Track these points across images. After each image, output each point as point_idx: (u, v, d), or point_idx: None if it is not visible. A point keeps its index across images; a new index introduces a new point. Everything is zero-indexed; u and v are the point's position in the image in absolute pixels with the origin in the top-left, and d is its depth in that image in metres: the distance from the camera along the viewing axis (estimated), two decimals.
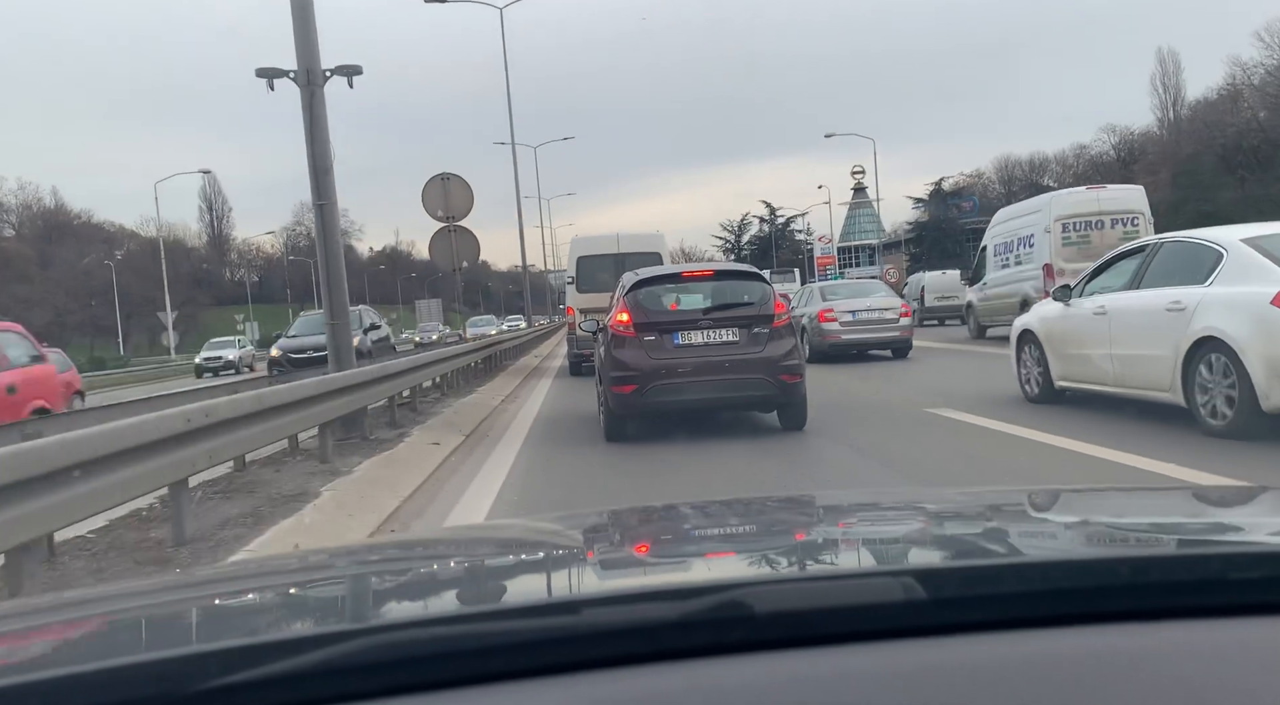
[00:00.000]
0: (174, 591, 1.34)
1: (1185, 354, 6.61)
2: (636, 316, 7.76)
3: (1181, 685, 0.76)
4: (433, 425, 9.97)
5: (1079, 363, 8.14)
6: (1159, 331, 6.93)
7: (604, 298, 12.01)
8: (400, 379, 10.41)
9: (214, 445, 5.40)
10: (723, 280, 8.36)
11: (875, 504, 1.85)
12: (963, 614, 0.86)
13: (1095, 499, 1.70)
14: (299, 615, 1.14)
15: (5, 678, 0.77)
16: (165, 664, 0.80)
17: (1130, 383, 7.46)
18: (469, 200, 15.87)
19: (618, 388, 7.71)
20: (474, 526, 4.04)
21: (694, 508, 1.74)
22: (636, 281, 8.11)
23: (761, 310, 7.85)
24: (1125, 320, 7.47)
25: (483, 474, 7.33)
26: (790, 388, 7.74)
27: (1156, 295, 7.09)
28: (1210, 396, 6.51)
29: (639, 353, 7.64)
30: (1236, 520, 1.35)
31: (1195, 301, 6.61)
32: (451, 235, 15.84)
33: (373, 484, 6.83)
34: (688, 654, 0.80)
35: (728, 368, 7.59)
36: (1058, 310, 8.52)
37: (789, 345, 7.79)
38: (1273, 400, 6.05)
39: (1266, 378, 6.04)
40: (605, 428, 8.20)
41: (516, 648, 0.81)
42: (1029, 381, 8.99)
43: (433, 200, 15.74)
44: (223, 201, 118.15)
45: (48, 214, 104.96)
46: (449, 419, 10.64)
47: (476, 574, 1.31)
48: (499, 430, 10.02)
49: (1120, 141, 77.40)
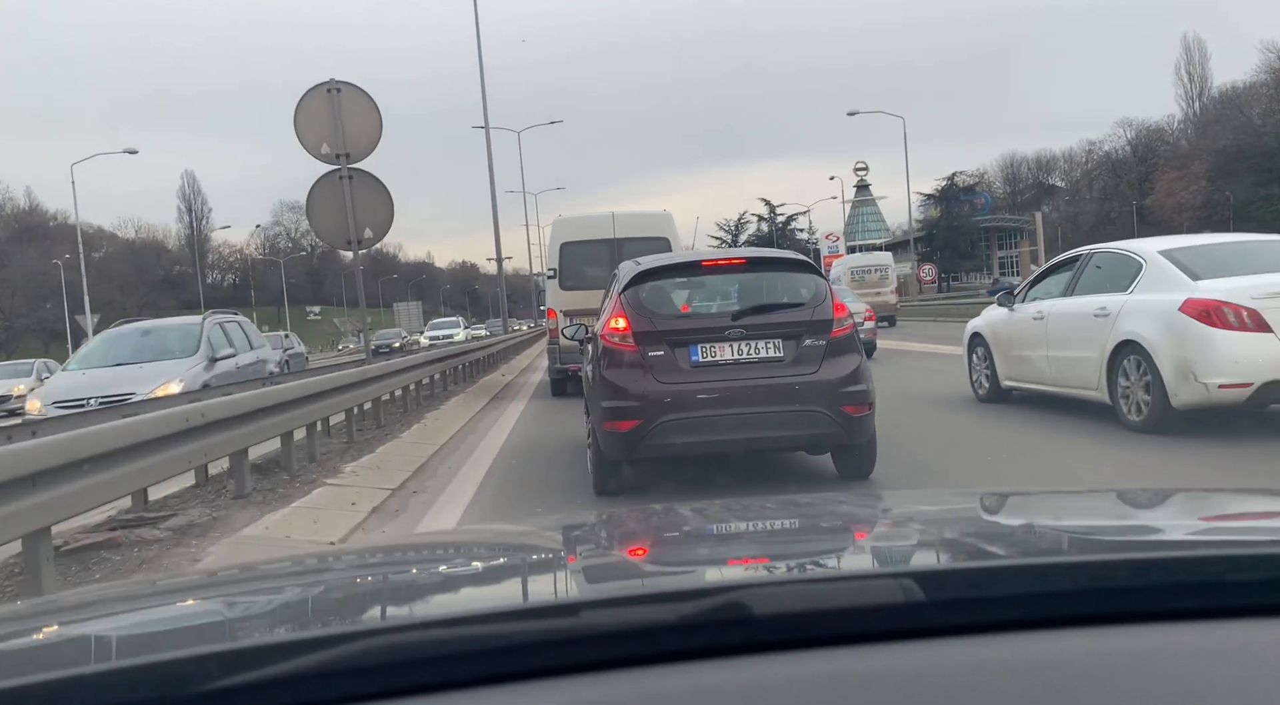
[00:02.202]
0: (173, 594, 1.34)
1: (1109, 356, 7.36)
2: (638, 323, 5.89)
3: (1181, 687, 0.76)
4: (356, 471, 7.38)
5: (1021, 364, 8.84)
6: (1087, 335, 7.65)
7: (595, 297, 8.91)
8: (274, 417, 6.86)
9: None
10: (759, 271, 6.49)
11: (874, 506, 1.88)
12: (962, 616, 0.86)
13: (1095, 501, 1.70)
14: (299, 617, 1.12)
15: (6, 680, 0.78)
16: (165, 666, 0.80)
17: (1064, 382, 8.17)
18: (374, 128, 9.59)
19: (612, 423, 5.81)
20: (472, 529, 3.93)
21: (692, 510, 1.71)
22: (638, 273, 6.18)
23: (815, 314, 5.96)
24: (1059, 324, 8.16)
25: None
26: (856, 423, 5.84)
27: (1086, 302, 7.81)
28: (1130, 395, 7.21)
29: (641, 374, 5.80)
30: (1235, 522, 1.37)
31: (1118, 308, 7.34)
32: (345, 187, 9.52)
33: None
34: (686, 656, 0.80)
35: (768, 396, 5.74)
36: (1003, 315, 9.23)
37: (853, 363, 5.91)
38: (1181, 397, 6.73)
39: (1175, 377, 6.74)
40: (595, 477, 6.26)
41: (516, 650, 0.81)
42: (979, 382, 9.67)
43: (313, 125, 9.46)
44: (202, 202, 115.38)
45: (21, 215, 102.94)
46: (383, 458, 8.05)
47: (475, 576, 1.31)
48: (444, 477, 7.56)
49: (1137, 136, 76.42)
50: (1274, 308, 6.44)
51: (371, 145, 9.58)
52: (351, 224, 9.53)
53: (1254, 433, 6.80)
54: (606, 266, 10.25)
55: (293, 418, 7.12)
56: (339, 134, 9.43)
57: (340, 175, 9.54)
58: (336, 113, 9.43)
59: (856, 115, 48.66)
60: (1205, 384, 6.54)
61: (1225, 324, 6.50)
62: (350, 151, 9.52)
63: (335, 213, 9.52)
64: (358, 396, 9.01)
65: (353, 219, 9.53)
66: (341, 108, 9.43)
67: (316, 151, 9.51)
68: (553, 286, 12.90)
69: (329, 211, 9.53)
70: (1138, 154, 74.82)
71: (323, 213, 9.57)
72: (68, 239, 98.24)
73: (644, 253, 8.38)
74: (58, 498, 3.92)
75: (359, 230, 9.56)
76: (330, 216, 9.54)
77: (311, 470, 7.32)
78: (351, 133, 9.48)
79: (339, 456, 8.03)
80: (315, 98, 9.43)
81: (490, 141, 29.80)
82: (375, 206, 9.61)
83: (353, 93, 9.48)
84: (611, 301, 6.29)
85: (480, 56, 28.92)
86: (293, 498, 6.16)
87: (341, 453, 8.24)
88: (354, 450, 8.37)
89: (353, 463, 7.69)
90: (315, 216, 9.60)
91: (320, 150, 9.50)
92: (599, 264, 11.94)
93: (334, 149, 9.47)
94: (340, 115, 9.43)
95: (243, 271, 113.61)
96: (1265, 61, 63.16)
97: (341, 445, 8.68)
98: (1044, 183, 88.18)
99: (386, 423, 10.04)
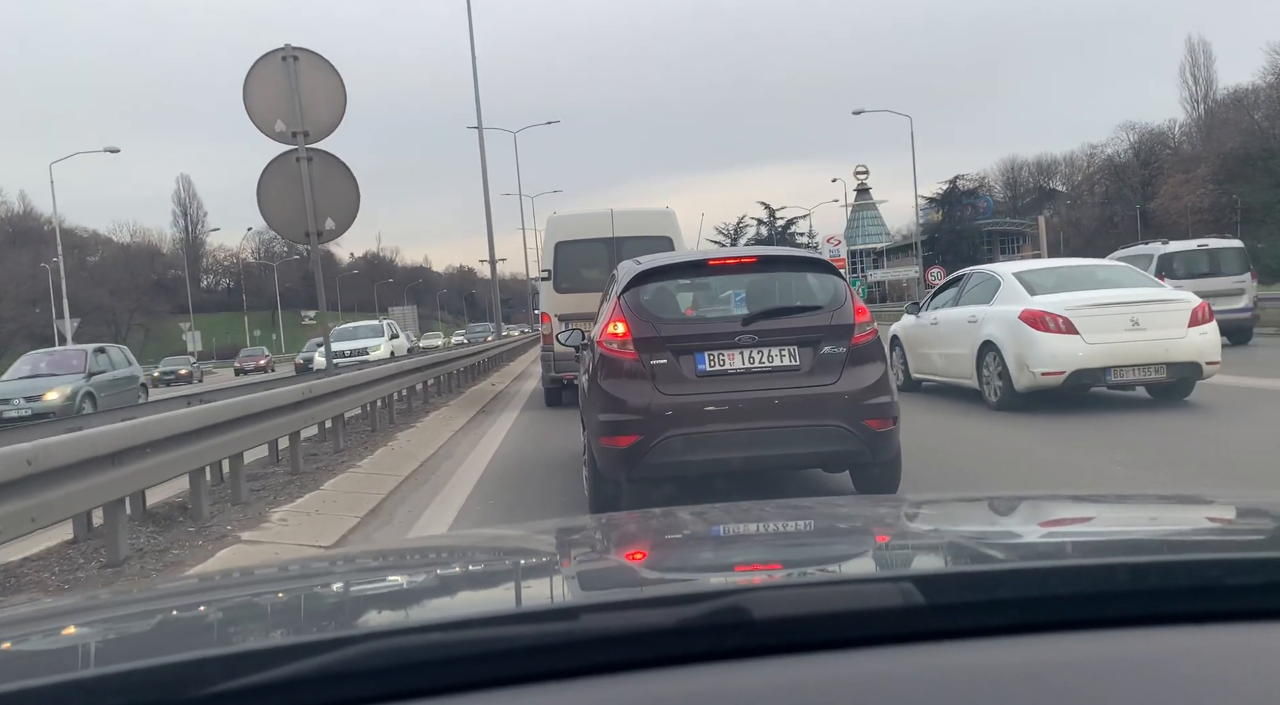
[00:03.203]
0: (173, 598, 1.34)
1: (977, 352, 9.48)
2: (639, 328, 5.44)
3: (1181, 691, 0.77)
4: (286, 519, 5.82)
5: (924, 360, 11.17)
6: (964, 337, 9.84)
7: (592, 299, 8.39)
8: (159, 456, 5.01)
9: None
10: (772, 271, 6.00)
11: (874, 509, 1.85)
12: (961, 620, 0.86)
13: (1093, 505, 1.69)
14: (298, 621, 1.12)
15: (6, 683, 0.78)
16: (165, 670, 0.80)
17: (951, 374, 10.45)
18: (336, 101, 8.28)
19: (610, 439, 5.38)
20: (472, 533, 3.89)
21: (692, 513, 1.69)
22: (639, 274, 5.71)
23: (835, 318, 5.51)
24: (947, 328, 10.41)
25: None
26: (879, 439, 5.41)
27: (965, 311, 10.03)
28: (989, 381, 9.34)
29: (642, 385, 5.35)
30: (1235, 526, 1.37)
31: (983, 316, 9.54)
32: (304, 170, 8.21)
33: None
34: (686, 660, 0.80)
35: (782, 409, 5.30)
36: (912, 321, 11.64)
37: (877, 373, 5.48)
38: (1020, 383, 8.82)
39: (1016, 368, 8.84)
40: (590, 497, 5.76)
41: (516, 654, 0.81)
42: (896, 375, 10.60)
43: (266, 99, 8.14)
44: (198, 206, 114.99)
45: (15, 219, 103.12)
46: (328, 498, 6.54)
47: (475, 580, 1.31)
48: (401, 524, 6.10)
49: (1140, 140, 76.06)
50: (1082, 316, 8.57)
51: (334, 122, 8.28)
52: (311, 214, 8.21)
53: (1074, 408, 8.88)
54: (605, 267, 9.70)
55: (196, 453, 5.57)
56: (296, 109, 8.12)
57: (297, 157, 8.22)
58: (293, 84, 8.12)
59: (862, 114, 48.15)
60: (1034, 372, 8.65)
61: (1046, 328, 8.63)
62: (309, 129, 8.21)
63: (291, 200, 8.20)
64: (294, 422, 7.32)
65: (312, 208, 8.20)
66: (299, 78, 8.12)
67: (270, 129, 8.21)
68: (547, 289, 12.07)
69: (284, 199, 8.21)
70: (1140, 157, 74.33)
71: (277, 201, 8.24)
72: (63, 242, 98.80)
73: (645, 253, 7.65)
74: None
75: (319, 221, 8.24)
76: (285, 205, 8.22)
77: (229, 517, 5.90)
78: (310, 107, 8.17)
79: (274, 495, 6.64)
80: (268, 67, 8.12)
81: (483, 139, 28.88)
82: (338, 193, 8.29)
83: (311, 60, 8.16)
84: (610, 304, 5.80)
85: (473, 54, 28.08)
86: (186, 564, 4.75)
87: (280, 489, 6.84)
88: (295, 485, 6.96)
89: (287, 505, 6.25)
90: (268, 205, 8.25)
91: (274, 128, 8.19)
92: (597, 265, 11.30)
93: (290, 126, 8.16)
94: (297, 87, 8.12)
95: (237, 275, 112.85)
96: (1272, 63, 62.65)
97: (284, 478, 7.31)
98: (1045, 187, 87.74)
99: (347, 446, 8.70)
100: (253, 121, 8.21)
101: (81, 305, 78.57)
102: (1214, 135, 64.75)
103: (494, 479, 7.34)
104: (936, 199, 78.70)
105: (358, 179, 8.43)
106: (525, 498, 6.64)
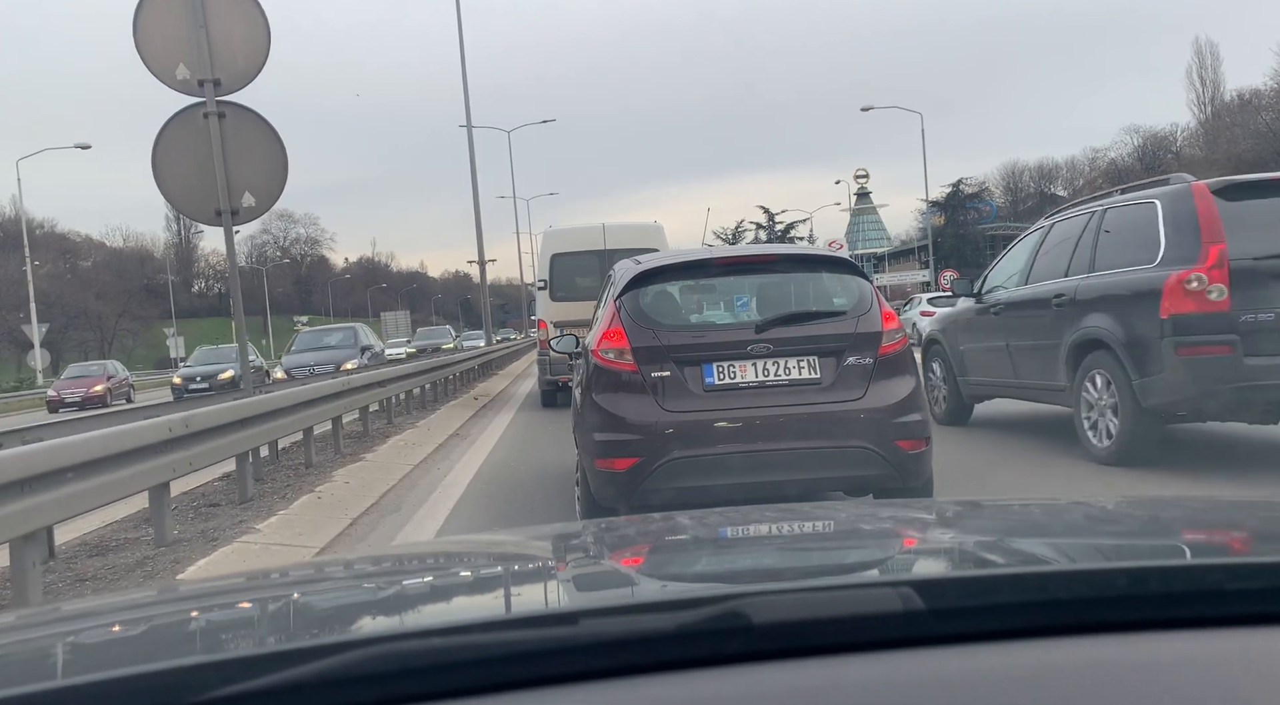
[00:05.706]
0: (171, 603, 1.32)
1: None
2: (638, 336, 5.01)
3: (1181, 696, 0.76)
4: (224, 561, 4.91)
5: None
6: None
7: (586, 308, 8.00)
8: None
9: None
10: (788, 272, 5.56)
11: (873, 514, 1.83)
12: (961, 625, 0.85)
13: (1093, 510, 1.68)
14: (298, 626, 1.11)
15: (3, 689, 0.76)
16: (163, 675, 0.79)
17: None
18: (258, 40, 6.36)
19: (606, 461, 4.94)
20: (469, 538, 3.76)
21: (691, 518, 1.66)
22: (638, 274, 5.27)
23: (860, 325, 5.12)
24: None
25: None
26: (911, 461, 5.02)
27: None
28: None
29: (643, 400, 4.92)
30: (1235, 531, 1.35)
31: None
32: (213, 129, 6.28)
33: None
34: (686, 665, 0.80)
35: (801, 429, 4.89)
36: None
37: (908, 387, 5.08)
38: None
39: None
40: (582, 518, 5.57)
41: (515, 658, 0.80)
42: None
43: (163, 37, 6.23)
44: None
45: (5, 223, 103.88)
46: (285, 525, 5.51)
47: (474, 585, 1.29)
48: None
49: (1145, 143, 75.89)
50: None
51: (253, 67, 6.34)
52: (222, 186, 6.26)
53: None
54: (597, 277, 10.10)
55: None
56: (202, 50, 6.19)
57: (205, 112, 6.30)
58: (198, 17, 6.19)
59: (870, 111, 47.53)
60: None
61: None
62: (221, 77, 6.28)
63: (197, 169, 6.25)
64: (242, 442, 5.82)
65: (224, 178, 6.27)
66: (206, 11, 6.21)
67: (170, 78, 6.27)
68: (543, 297, 12.94)
69: (186, 167, 6.25)
70: (1144, 161, 73.30)
71: (177, 170, 6.28)
72: (54, 247, 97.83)
73: None
74: None
75: (233, 196, 6.30)
76: (188, 175, 6.26)
77: (156, 560, 4.76)
78: (223, 48, 6.24)
79: (227, 526, 5.47)
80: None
81: (472, 137, 27.53)
82: (258, 159, 6.33)
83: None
84: (605, 310, 5.42)
85: (462, 49, 26.73)
86: None
87: (231, 526, 5.54)
88: (249, 514, 5.72)
89: (230, 545, 4.93)
90: (165, 175, 6.26)
91: (175, 75, 6.26)
92: (589, 275, 12.17)
93: (196, 73, 6.23)
94: (205, 21, 6.19)
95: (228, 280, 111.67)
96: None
97: (233, 506, 6.07)
98: (1046, 191, 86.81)
99: (318, 462, 7.81)
100: (147, 67, 6.28)
101: (67, 310, 77.35)
102: (1221, 138, 63.84)
103: (474, 502, 6.23)
104: (939, 203, 77.65)
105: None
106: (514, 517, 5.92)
